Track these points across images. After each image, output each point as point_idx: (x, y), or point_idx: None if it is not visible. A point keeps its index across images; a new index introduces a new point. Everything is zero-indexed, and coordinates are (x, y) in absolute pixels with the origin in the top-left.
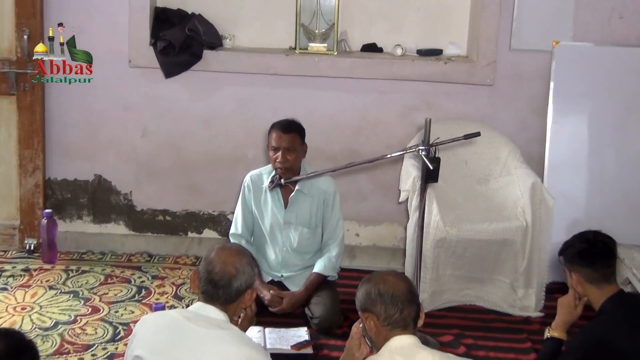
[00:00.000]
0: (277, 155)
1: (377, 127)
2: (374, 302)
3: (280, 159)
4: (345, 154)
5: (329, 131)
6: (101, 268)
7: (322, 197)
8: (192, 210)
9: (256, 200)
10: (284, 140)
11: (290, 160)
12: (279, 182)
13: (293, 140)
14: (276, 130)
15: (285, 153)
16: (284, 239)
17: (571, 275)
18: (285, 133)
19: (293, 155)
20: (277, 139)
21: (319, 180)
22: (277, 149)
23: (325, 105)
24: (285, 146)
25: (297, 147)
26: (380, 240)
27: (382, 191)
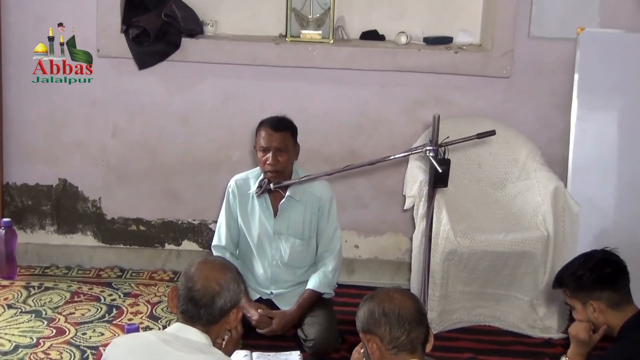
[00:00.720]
0: (267, 157)
1: (379, 125)
2: (378, 323)
3: (270, 161)
4: (343, 156)
5: (324, 130)
6: (66, 284)
7: (316, 205)
8: (169, 219)
9: (242, 208)
10: (275, 140)
11: (281, 162)
12: (268, 187)
13: (284, 140)
14: (265, 128)
15: (275, 154)
16: (273, 251)
17: (585, 305)
18: (276, 131)
19: (284, 156)
20: (266, 138)
21: (313, 186)
22: (267, 150)
23: (320, 101)
24: (276, 146)
25: (288, 147)
26: (382, 253)
27: (384, 197)
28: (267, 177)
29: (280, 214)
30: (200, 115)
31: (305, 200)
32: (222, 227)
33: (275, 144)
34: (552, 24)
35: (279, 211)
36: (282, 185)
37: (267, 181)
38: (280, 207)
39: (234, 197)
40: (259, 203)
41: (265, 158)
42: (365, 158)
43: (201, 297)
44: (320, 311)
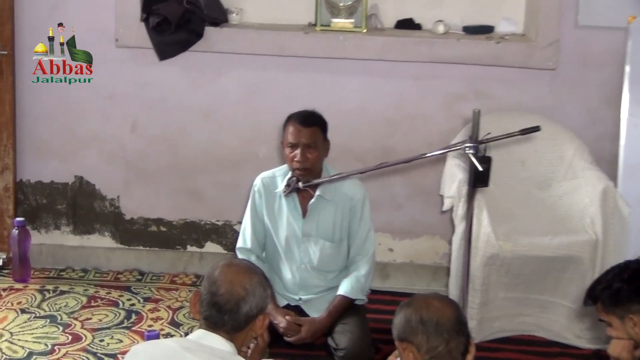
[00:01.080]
0: (295, 154)
1: (415, 120)
2: (415, 331)
3: (298, 158)
4: (377, 153)
5: (356, 125)
6: (83, 288)
7: (348, 205)
8: (191, 220)
9: (269, 208)
10: (304, 135)
11: (310, 159)
12: (296, 186)
13: (314, 135)
14: (294, 123)
15: (304, 150)
16: (302, 254)
17: (623, 321)
18: (305, 126)
19: (314, 153)
20: (294, 133)
21: (345, 184)
22: (295, 146)
23: (352, 94)
24: (305, 142)
25: (318, 143)
26: (418, 257)
27: (421, 197)
28: (296, 175)
29: (309, 215)
30: (224, 109)
31: (336, 200)
32: (247, 228)
33: (304, 139)
34: (601, 12)
35: (308, 211)
36: (312, 184)
37: (295, 179)
38: (309, 207)
39: (260, 197)
40: (287, 203)
41: (293, 155)
42: (400, 156)
43: (225, 302)
44: (352, 318)
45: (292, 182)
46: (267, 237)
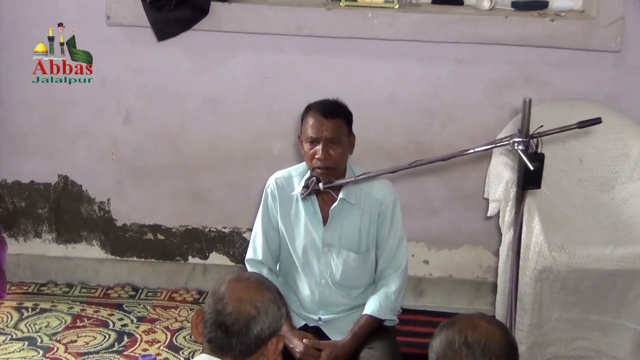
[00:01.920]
0: (315, 150)
1: (455, 111)
2: (458, 355)
3: (319, 155)
4: (410, 149)
5: (386, 117)
6: (67, 306)
7: (376, 210)
8: (194, 227)
9: (284, 214)
10: (326, 129)
11: (333, 156)
12: (316, 188)
13: (338, 129)
14: (314, 114)
15: (326, 146)
16: (322, 267)
17: None
18: (328, 118)
19: (337, 149)
20: (315, 126)
21: (373, 186)
22: (315, 141)
23: (382, 81)
24: (328, 136)
25: (342, 138)
26: (458, 270)
27: (461, 201)
28: (315, 175)
29: (331, 222)
30: (232, 98)
31: (363, 204)
32: (258, 236)
33: (326, 133)
34: None
35: (330, 218)
36: (334, 185)
37: (315, 180)
38: (331, 212)
39: (274, 200)
40: (305, 207)
41: (313, 151)
42: (437, 152)
43: (233, 322)
44: (380, 342)
45: (311, 183)
46: (282, 247)
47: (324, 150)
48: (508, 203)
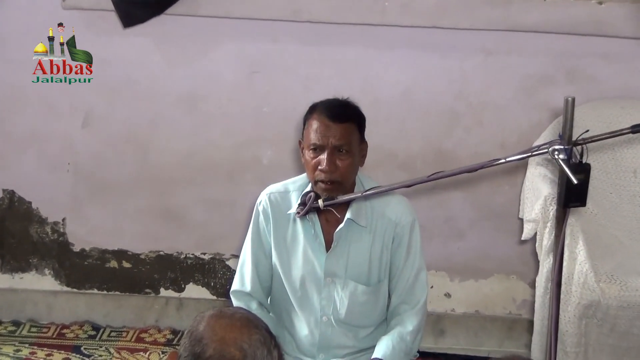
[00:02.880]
0: (320, 159)
1: (483, 112)
2: None
3: (324, 165)
4: (429, 158)
5: (400, 119)
6: (14, 348)
7: (390, 232)
8: (167, 253)
9: (278, 237)
10: (333, 134)
11: (340, 167)
12: (315, 205)
13: (348, 135)
14: (320, 116)
15: (333, 155)
16: (324, 302)
17: None
18: (336, 122)
19: (346, 160)
20: (321, 131)
21: (386, 204)
22: (320, 149)
23: (395, 76)
24: (335, 144)
25: (353, 146)
26: (487, 305)
27: (490, 221)
28: (317, 190)
29: (335, 247)
30: (214, 96)
31: (374, 226)
32: (246, 264)
33: (333, 140)
34: None
35: (335, 242)
36: (337, 203)
37: (313, 195)
38: (336, 236)
39: (267, 220)
40: (304, 230)
41: (316, 161)
42: (461, 162)
43: None
44: None
45: (309, 199)
46: (275, 276)
47: (329, 160)
48: (547, 224)
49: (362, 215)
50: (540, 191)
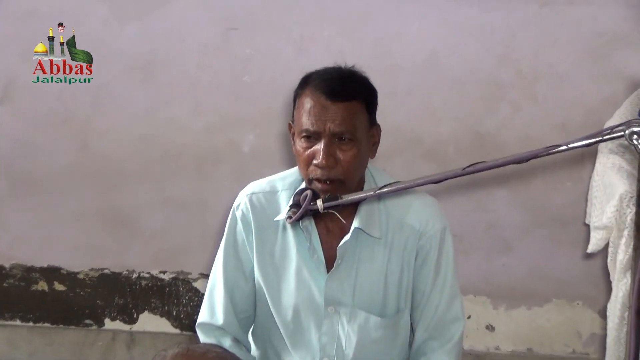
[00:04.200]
0: (315, 150)
1: (537, 82)
2: None
3: (321, 159)
4: (463, 145)
5: (425, 93)
6: None
7: (412, 245)
8: (114, 271)
9: (262, 251)
10: (332, 117)
11: (343, 161)
12: (312, 208)
13: (352, 117)
14: (314, 92)
15: (332, 145)
16: (324, 339)
17: None
18: (336, 101)
19: (351, 150)
20: (315, 112)
21: (407, 206)
22: (316, 136)
23: (418, 35)
24: (335, 130)
25: (359, 132)
26: (543, 341)
27: (546, 229)
28: (315, 189)
29: (339, 266)
30: (177, 61)
31: (390, 237)
32: (217, 289)
33: (331, 125)
34: None
35: (338, 259)
36: (344, 204)
37: (310, 194)
38: (340, 251)
39: (247, 230)
40: (298, 242)
41: (310, 152)
42: (506, 150)
43: None
44: None
45: (304, 199)
46: (260, 305)
47: (327, 152)
48: (623, 232)
49: (374, 222)
50: (614, 188)
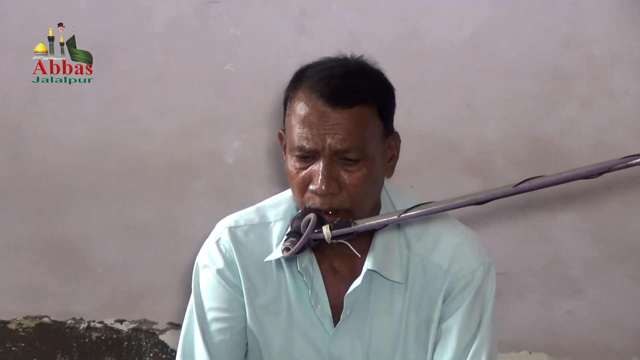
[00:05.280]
0: (312, 172)
1: (613, 72)
2: None
3: (318, 184)
4: (516, 154)
5: (465, 85)
6: None
7: (438, 288)
8: (55, 319)
9: (253, 296)
10: (333, 129)
11: (350, 186)
12: (317, 237)
13: (360, 128)
14: (308, 95)
15: (333, 167)
16: None
17: None
18: (337, 106)
19: (360, 171)
20: (310, 122)
21: (434, 239)
22: (313, 155)
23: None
24: (337, 147)
25: (370, 146)
26: None
27: (625, 264)
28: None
29: (349, 317)
30: (139, 45)
31: (411, 280)
32: (197, 342)
33: (333, 141)
34: None
35: (346, 309)
36: (357, 230)
37: (312, 217)
38: (348, 299)
39: (231, 270)
40: (295, 287)
41: (306, 176)
42: (573, 161)
43: None
44: None
45: (306, 225)
46: None
47: (327, 176)
48: None
49: (393, 261)
50: None
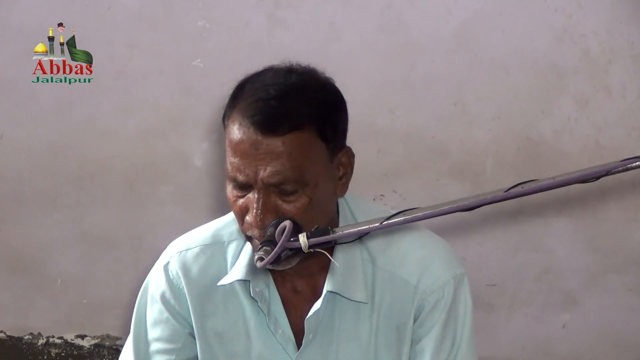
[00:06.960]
0: (248, 202)
1: (611, 66)
2: None
3: (253, 217)
4: (508, 156)
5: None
6: None
7: (408, 307)
8: (11, 335)
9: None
10: (264, 160)
11: (292, 215)
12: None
13: (296, 156)
14: (242, 118)
15: (268, 199)
16: None
17: None
18: (268, 133)
19: (300, 200)
20: (242, 152)
21: (400, 251)
22: (245, 187)
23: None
24: (270, 181)
25: (309, 173)
26: None
27: (624, 275)
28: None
29: (311, 343)
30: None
31: (378, 299)
32: None
33: (265, 175)
34: None
35: (308, 334)
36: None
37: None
38: (308, 323)
39: (176, 298)
40: (253, 311)
41: (242, 204)
42: (570, 164)
43: None
44: None
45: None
46: None
47: (262, 208)
48: None
49: (356, 278)
50: None
